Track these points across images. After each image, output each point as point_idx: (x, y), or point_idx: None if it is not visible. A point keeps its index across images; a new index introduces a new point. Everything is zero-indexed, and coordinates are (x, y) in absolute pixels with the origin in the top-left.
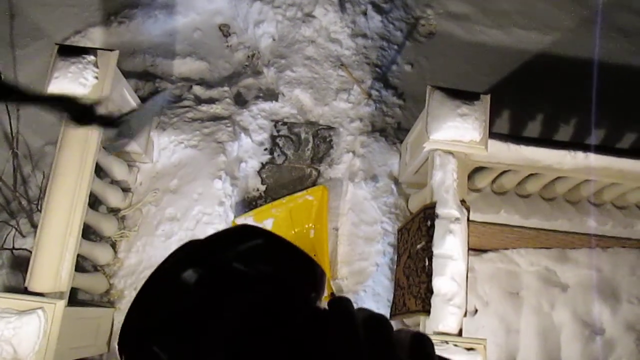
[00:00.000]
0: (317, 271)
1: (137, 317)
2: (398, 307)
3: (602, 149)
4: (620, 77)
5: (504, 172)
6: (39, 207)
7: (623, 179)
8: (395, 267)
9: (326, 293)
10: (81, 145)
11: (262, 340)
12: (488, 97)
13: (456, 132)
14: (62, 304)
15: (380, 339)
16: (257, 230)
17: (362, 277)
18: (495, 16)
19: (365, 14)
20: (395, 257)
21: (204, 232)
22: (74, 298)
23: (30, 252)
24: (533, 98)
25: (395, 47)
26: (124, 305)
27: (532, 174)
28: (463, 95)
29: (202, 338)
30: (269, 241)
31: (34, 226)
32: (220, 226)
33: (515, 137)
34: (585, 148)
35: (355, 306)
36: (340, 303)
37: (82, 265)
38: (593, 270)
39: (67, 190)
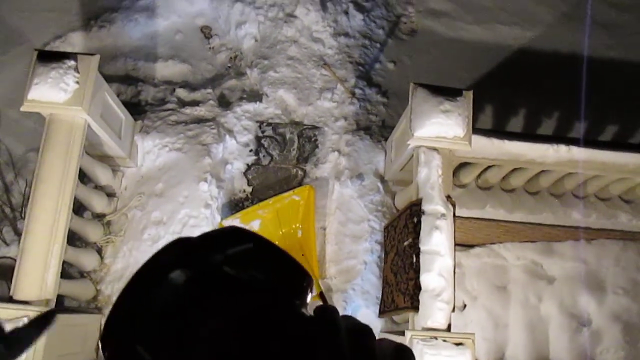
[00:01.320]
0: (305, 278)
1: (122, 315)
2: (386, 305)
3: (584, 141)
4: (601, 70)
5: (489, 167)
6: (23, 215)
7: (605, 171)
8: (382, 264)
9: (315, 293)
10: (64, 150)
11: (248, 345)
12: (471, 93)
13: (440, 128)
14: None
15: (364, 350)
16: (248, 234)
17: (350, 275)
18: (476, 12)
19: (346, 12)
20: (383, 254)
21: (190, 235)
22: (61, 305)
23: (15, 260)
24: (515, 93)
25: (378, 45)
26: None
27: (516, 169)
28: (446, 92)
29: (187, 340)
30: (259, 246)
31: (18, 234)
32: (207, 229)
33: (499, 132)
34: (568, 141)
35: (345, 306)
36: (326, 312)
37: (68, 271)
38: (578, 262)
39: (50, 197)
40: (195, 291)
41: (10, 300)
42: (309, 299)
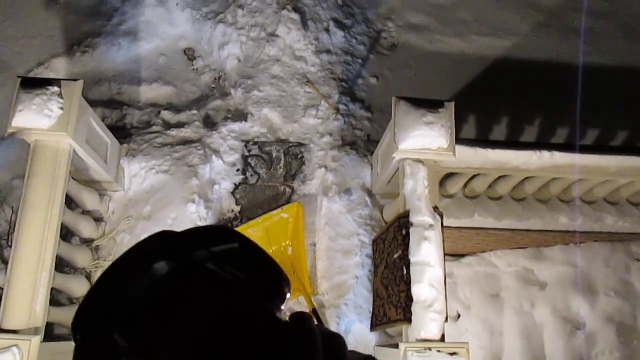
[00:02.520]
0: (285, 284)
1: (100, 301)
2: (378, 318)
3: (567, 147)
4: (578, 76)
5: (474, 176)
6: (9, 243)
7: (588, 174)
8: (373, 278)
9: (307, 310)
10: (50, 177)
11: (225, 342)
12: (452, 104)
13: (423, 140)
14: (37, 340)
15: (337, 356)
16: (234, 233)
17: (342, 290)
18: (454, 25)
19: (327, 30)
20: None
21: None
22: (50, 333)
23: (2, 288)
24: (496, 102)
25: (360, 60)
26: None
27: (501, 176)
28: (428, 104)
29: (165, 330)
30: (243, 247)
31: (5, 262)
32: None
33: (482, 141)
34: (550, 147)
35: (338, 321)
36: (302, 319)
37: (57, 298)
38: (569, 266)
39: (37, 224)
40: (177, 284)
41: None
42: (283, 305)
